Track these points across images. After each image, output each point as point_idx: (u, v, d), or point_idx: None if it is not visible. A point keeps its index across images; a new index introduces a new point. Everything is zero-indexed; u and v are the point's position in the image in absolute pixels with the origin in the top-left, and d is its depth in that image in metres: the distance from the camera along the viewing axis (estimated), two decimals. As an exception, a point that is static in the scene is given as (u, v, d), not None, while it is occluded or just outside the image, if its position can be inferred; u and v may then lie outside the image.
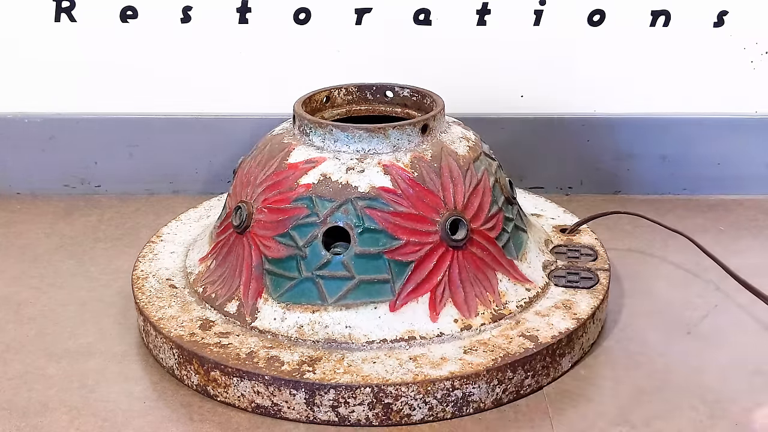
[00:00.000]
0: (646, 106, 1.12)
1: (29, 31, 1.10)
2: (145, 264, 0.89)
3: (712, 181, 1.14)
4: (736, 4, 1.08)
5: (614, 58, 1.11)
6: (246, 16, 1.09)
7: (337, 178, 0.78)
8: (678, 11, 1.09)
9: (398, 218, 0.77)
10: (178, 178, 1.15)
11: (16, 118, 1.12)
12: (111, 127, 1.13)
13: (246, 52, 1.11)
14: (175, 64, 1.11)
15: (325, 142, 0.81)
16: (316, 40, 1.10)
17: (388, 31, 1.10)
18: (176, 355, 0.77)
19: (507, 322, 0.79)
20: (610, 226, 1.03)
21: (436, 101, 0.87)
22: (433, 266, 0.77)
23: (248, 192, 0.82)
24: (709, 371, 0.79)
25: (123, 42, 1.10)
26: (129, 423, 0.73)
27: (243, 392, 0.73)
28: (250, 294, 0.79)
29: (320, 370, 0.72)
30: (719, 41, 1.10)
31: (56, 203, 1.13)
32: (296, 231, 0.78)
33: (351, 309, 0.77)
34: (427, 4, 1.09)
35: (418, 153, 0.80)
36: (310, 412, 0.72)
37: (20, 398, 0.76)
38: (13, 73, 1.12)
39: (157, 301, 0.83)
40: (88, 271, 0.97)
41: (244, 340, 0.76)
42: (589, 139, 1.13)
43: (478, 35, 1.10)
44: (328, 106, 0.90)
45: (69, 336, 0.85)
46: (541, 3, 1.09)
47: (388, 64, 1.10)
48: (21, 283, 0.94)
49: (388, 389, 0.71)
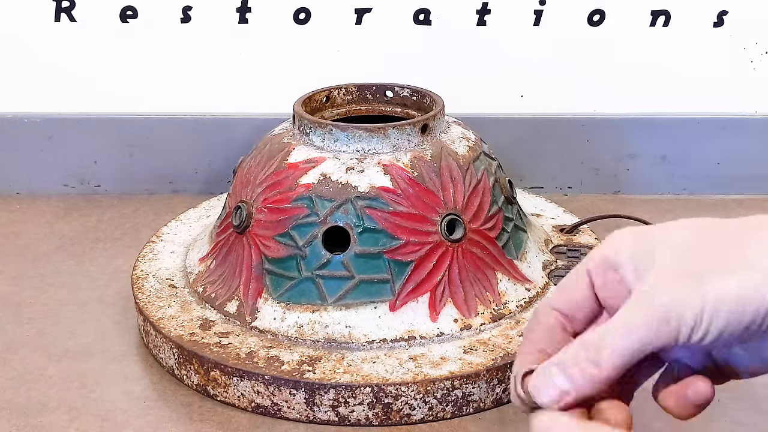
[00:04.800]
0: (646, 106, 1.12)
1: (29, 31, 1.10)
2: (145, 264, 0.89)
3: (712, 181, 1.14)
4: (736, 4, 1.08)
5: (614, 58, 1.11)
6: (246, 16, 1.09)
7: (337, 178, 0.78)
8: (678, 11, 1.09)
9: (398, 218, 0.77)
10: (178, 178, 1.15)
11: (16, 118, 1.12)
12: (111, 127, 1.13)
13: (246, 52, 1.11)
14: (175, 64, 1.11)
15: (324, 141, 0.81)
16: (316, 40, 1.10)
17: (388, 31, 1.10)
18: (176, 355, 0.77)
19: (507, 321, 0.79)
20: (610, 227, 1.03)
21: (435, 101, 0.87)
22: (432, 266, 0.77)
23: (248, 192, 0.82)
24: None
25: (123, 42, 1.10)
26: (129, 423, 0.73)
27: (243, 392, 0.73)
28: (250, 294, 0.79)
29: (320, 369, 0.72)
30: (719, 41, 1.10)
31: (56, 203, 1.13)
32: (296, 231, 0.78)
33: (351, 309, 0.77)
34: (427, 4, 1.09)
35: (418, 153, 0.80)
36: (310, 412, 0.72)
37: (20, 398, 0.76)
38: (13, 73, 1.12)
39: (157, 301, 0.82)
40: (87, 271, 0.97)
41: (244, 340, 0.76)
42: (589, 139, 1.13)
43: (478, 35, 1.10)
44: (328, 106, 0.90)
45: (69, 336, 0.85)
46: (541, 3, 1.09)
47: (388, 64, 1.10)
48: (20, 283, 0.94)
49: (388, 389, 0.71)
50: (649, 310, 0.41)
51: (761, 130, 1.12)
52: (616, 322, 0.42)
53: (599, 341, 0.42)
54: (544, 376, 0.43)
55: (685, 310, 0.41)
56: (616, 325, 0.42)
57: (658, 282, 0.42)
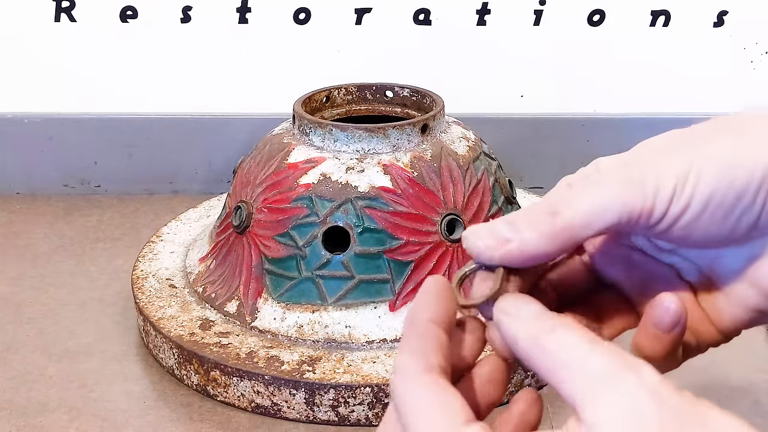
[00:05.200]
0: (647, 106, 1.12)
1: (29, 31, 1.10)
2: (145, 264, 0.89)
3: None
4: (736, 4, 1.08)
5: (614, 58, 1.11)
6: (246, 16, 1.09)
7: (336, 178, 0.78)
8: (678, 11, 1.09)
9: (398, 218, 0.77)
10: (178, 178, 1.15)
11: (16, 118, 1.12)
12: (111, 127, 1.13)
13: (246, 52, 1.11)
14: (175, 64, 1.11)
15: (324, 141, 0.81)
16: (316, 40, 1.10)
17: (388, 31, 1.10)
18: (176, 355, 0.77)
19: (507, 321, 0.78)
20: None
21: (435, 101, 0.87)
22: (432, 266, 0.77)
23: (248, 192, 0.82)
24: (715, 367, 0.79)
25: (123, 42, 1.10)
26: (129, 423, 0.73)
27: (243, 392, 0.73)
28: (250, 294, 0.79)
29: (320, 369, 0.72)
30: (719, 41, 1.10)
31: (56, 203, 1.13)
32: (296, 231, 0.78)
33: (351, 309, 0.77)
34: (427, 4, 1.09)
35: (418, 153, 0.80)
36: (310, 412, 0.72)
37: (20, 398, 0.76)
38: (13, 73, 1.12)
39: (156, 301, 0.82)
40: (87, 271, 0.97)
41: (244, 340, 0.76)
42: (588, 139, 1.13)
43: (478, 35, 1.10)
44: (328, 105, 0.90)
45: (69, 336, 0.85)
46: (541, 3, 1.09)
47: (388, 64, 1.10)
48: (20, 283, 0.94)
49: (388, 389, 0.71)
50: (621, 170, 0.35)
51: (761, 130, 1.12)
52: (583, 182, 0.35)
53: (556, 196, 0.35)
54: (485, 224, 0.36)
55: (666, 170, 0.34)
56: (582, 184, 0.35)
57: (639, 157, 0.36)
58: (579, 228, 0.34)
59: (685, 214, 0.35)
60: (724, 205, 0.35)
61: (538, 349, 0.33)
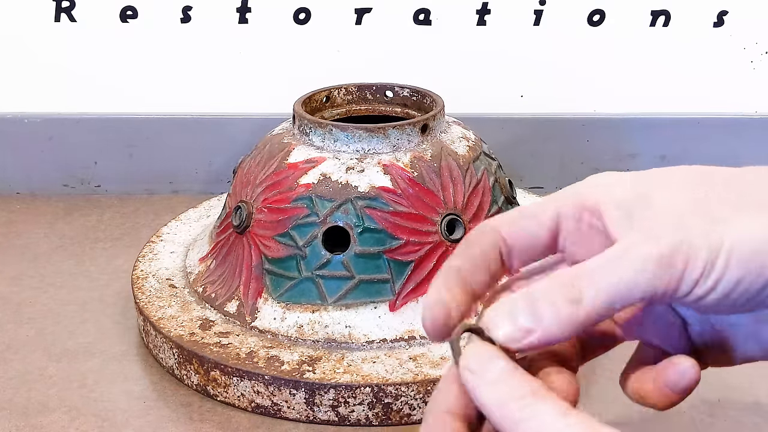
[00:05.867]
0: (646, 106, 1.12)
1: (29, 31, 1.10)
2: (145, 264, 0.89)
3: (712, 181, 1.14)
4: (736, 4, 1.08)
5: (614, 58, 1.11)
6: (246, 16, 1.09)
7: (336, 178, 0.78)
8: (678, 11, 1.09)
9: (398, 218, 0.77)
10: (178, 178, 1.15)
11: (15, 118, 1.12)
12: (111, 127, 1.13)
13: (246, 52, 1.11)
14: (175, 64, 1.11)
15: (324, 141, 0.81)
16: (316, 40, 1.10)
17: (388, 31, 1.10)
18: (176, 355, 0.77)
19: (507, 321, 0.78)
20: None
21: (435, 101, 0.87)
22: (433, 266, 0.77)
23: (248, 192, 0.82)
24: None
25: (123, 42, 1.10)
26: (129, 423, 0.73)
27: (243, 392, 0.73)
28: (250, 294, 0.79)
29: (320, 369, 0.72)
30: (719, 41, 1.10)
31: (56, 203, 1.13)
32: (296, 231, 0.78)
33: (351, 309, 0.77)
34: (427, 4, 1.09)
35: (418, 153, 0.80)
36: (310, 412, 0.72)
37: (20, 398, 0.76)
38: (13, 73, 1.12)
39: (156, 301, 0.82)
40: (87, 271, 0.97)
41: (244, 340, 0.76)
42: (588, 139, 1.13)
43: (478, 35, 1.10)
44: (328, 105, 0.90)
45: (69, 336, 0.85)
46: (541, 3, 1.09)
47: (388, 64, 1.10)
48: (20, 283, 0.94)
49: (388, 389, 0.71)
50: (650, 245, 0.34)
51: (761, 130, 1.12)
52: (606, 256, 0.34)
53: (581, 276, 0.34)
54: (504, 308, 0.35)
55: (697, 249, 0.33)
56: (605, 259, 0.34)
57: (661, 221, 0.35)
58: (601, 311, 0.34)
59: (710, 295, 0.34)
60: (750, 291, 0.34)
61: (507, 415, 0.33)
